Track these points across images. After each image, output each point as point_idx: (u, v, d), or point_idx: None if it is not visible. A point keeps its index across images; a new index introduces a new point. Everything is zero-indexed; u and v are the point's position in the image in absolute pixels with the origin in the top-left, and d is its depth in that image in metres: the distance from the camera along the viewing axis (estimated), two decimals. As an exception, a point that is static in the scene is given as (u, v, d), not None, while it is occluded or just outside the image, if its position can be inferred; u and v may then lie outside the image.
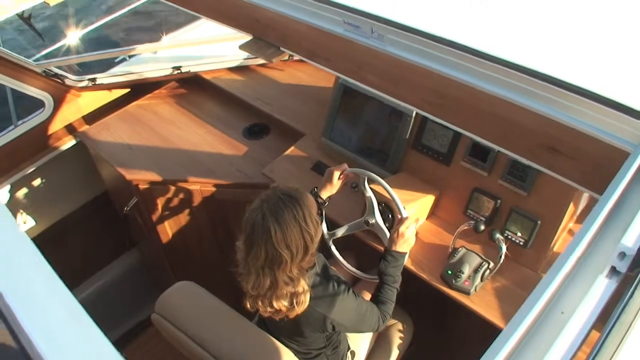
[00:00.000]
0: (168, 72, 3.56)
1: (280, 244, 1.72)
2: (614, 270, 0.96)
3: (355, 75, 1.82)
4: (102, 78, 3.54)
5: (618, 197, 1.11)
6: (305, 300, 1.85)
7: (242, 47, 2.14)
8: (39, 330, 0.87)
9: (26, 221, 3.51)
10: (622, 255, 0.97)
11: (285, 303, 1.84)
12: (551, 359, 0.84)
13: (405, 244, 2.15)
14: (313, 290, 1.89)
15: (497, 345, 0.85)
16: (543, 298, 0.90)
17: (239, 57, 3.52)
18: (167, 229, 3.26)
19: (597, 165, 1.35)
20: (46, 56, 3.51)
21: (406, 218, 2.17)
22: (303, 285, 1.84)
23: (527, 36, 1.56)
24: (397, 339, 2.56)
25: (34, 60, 3.30)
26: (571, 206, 2.23)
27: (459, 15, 1.66)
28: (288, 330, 2.05)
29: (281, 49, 1.98)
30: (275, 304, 1.84)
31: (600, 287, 0.93)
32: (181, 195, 3.06)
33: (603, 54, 1.48)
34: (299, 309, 1.86)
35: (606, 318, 0.92)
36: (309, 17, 1.78)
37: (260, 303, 1.87)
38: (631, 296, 0.89)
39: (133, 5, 4.32)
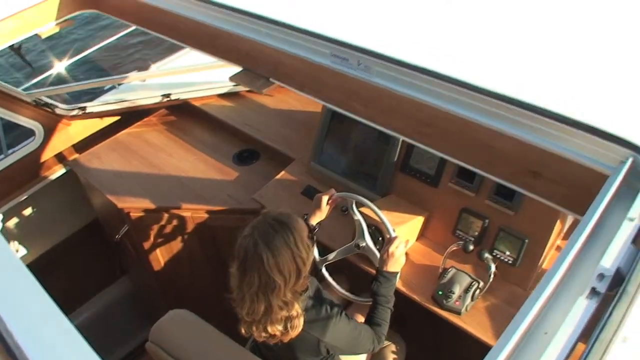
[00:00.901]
0: (158, 99, 3.60)
1: (273, 269, 1.74)
2: (594, 291, 1.01)
3: (343, 106, 1.87)
4: (92, 107, 3.57)
5: (597, 219, 1.16)
6: (299, 324, 1.87)
7: (232, 78, 2.19)
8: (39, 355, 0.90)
9: (18, 250, 3.51)
10: (601, 276, 1.02)
11: (279, 327, 1.86)
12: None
13: (396, 263, 2.18)
14: (306, 314, 1.91)
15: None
16: (527, 320, 0.95)
17: (228, 84, 3.57)
18: (159, 256, 3.27)
19: (577, 187, 1.41)
20: (36, 85, 3.54)
21: (395, 238, 2.20)
22: (297, 309, 1.86)
23: (509, 66, 1.62)
24: (390, 360, 2.57)
25: (24, 90, 3.33)
26: (558, 224, 2.28)
27: (443, 46, 1.72)
28: (282, 355, 2.07)
29: (271, 80, 2.03)
30: (269, 329, 1.86)
31: (581, 308, 0.97)
32: (172, 222, 3.08)
33: (581, 82, 1.54)
34: (293, 333, 1.88)
35: (589, 334, 0.96)
36: (297, 49, 1.84)
37: (255, 328, 1.89)
38: (610, 315, 0.94)
39: (120, 35, 4.38)
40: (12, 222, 3.47)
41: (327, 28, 1.76)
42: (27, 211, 3.54)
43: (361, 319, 2.27)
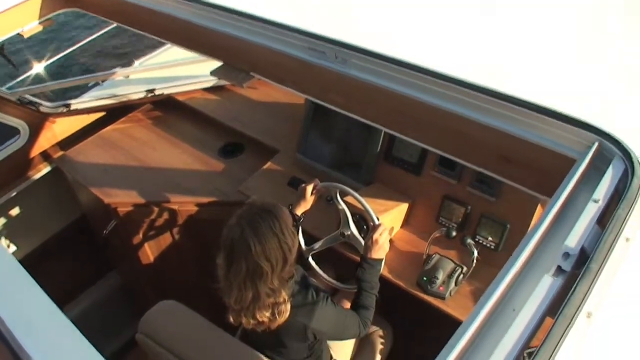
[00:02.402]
0: (142, 95, 3.62)
1: (260, 256, 1.78)
2: (559, 269, 1.06)
3: (322, 97, 1.91)
4: (77, 104, 3.57)
5: (564, 201, 1.22)
6: (285, 309, 1.91)
7: (213, 72, 2.21)
8: (36, 347, 0.94)
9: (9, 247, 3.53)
10: (567, 255, 1.07)
11: (267, 314, 1.90)
12: (502, 352, 0.93)
13: (380, 250, 2.22)
14: (293, 300, 1.95)
15: (453, 341, 0.94)
16: (494, 296, 1.00)
17: (212, 78, 3.58)
18: (147, 250, 3.29)
19: (546, 172, 1.45)
20: (19, 84, 3.54)
21: (379, 225, 2.24)
22: (284, 295, 1.90)
23: (478, 55, 1.67)
24: (378, 345, 2.61)
25: (7, 89, 3.33)
26: (539, 208, 2.33)
27: (414, 38, 1.77)
28: (270, 342, 2.11)
29: (251, 74, 2.07)
30: (257, 316, 1.90)
31: (547, 285, 1.02)
32: (160, 216, 3.10)
33: (547, 69, 1.59)
34: (281, 320, 1.92)
35: (555, 311, 1.01)
36: (275, 43, 1.87)
37: (243, 316, 1.93)
38: (574, 292, 0.99)
39: (100, 32, 4.36)
40: (-1, 221, 3.49)
41: (303, 22, 1.80)
42: (14, 210, 3.54)
43: (348, 305, 2.31)
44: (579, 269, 1.06)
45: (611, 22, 1.80)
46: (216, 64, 2.29)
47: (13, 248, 3.56)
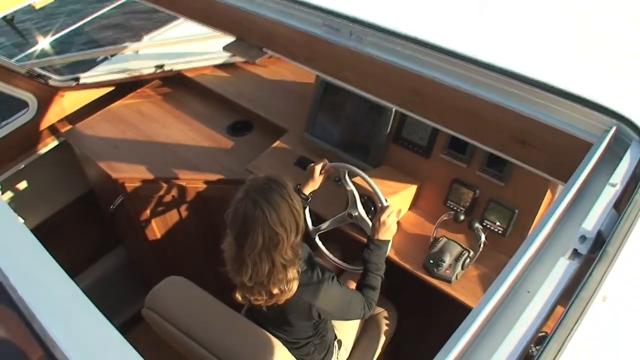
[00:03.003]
0: (151, 70, 3.60)
1: (276, 223, 1.79)
2: (575, 253, 1.05)
3: (335, 75, 1.89)
4: (86, 78, 3.56)
5: (580, 184, 1.20)
6: (293, 287, 1.92)
7: (226, 48, 2.19)
8: (50, 318, 0.94)
9: (16, 219, 3.53)
10: (583, 238, 1.06)
11: (281, 287, 1.91)
12: (517, 334, 0.92)
13: (388, 232, 2.21)
14: (299, 278, 1.96)
15: (466, 324, 0.93)
16: (509, 279, 0.99)
17: (222, 55, 3.56)
18: (154, 226, 3.30)
19: (562, 155, 1.44)
20: (28, 57, 3.52)
21: (387, 207, 2.23)
22: (294, 272, 1.91)
23: (496, 36, 1.64)
24: (382, 327, 2.62)
25: (17, 61, 3.32)
26: (548, 194, 2.32)
27: (433, 17, 1.74)
28: (276, 320, 2.11)
29: (264, 50, 2.05)
30: (272, 289, 1.90)
31: (563, 268, 1.02)
32: (167, 193, 3.10)
33: (566, 52, 1.57)
34: (289, 294, 1.93)
35: (570, 294, 1.00)
36: (290, 19, 1.85)
37: (256, 292, 1.93)
38: (590, 275, 0.98)
39: (113, 5, 4.34)
40: (6, 194, 3.49)
41: None
42: (22, 183, 3.55)
43: (353, 286, 2.31)
44: (595, 253, 1.05)
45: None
46: (226, 40, 2.27)
47: (20, 220, 3.56)
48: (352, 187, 2.37)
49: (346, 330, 2.52)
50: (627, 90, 1.47)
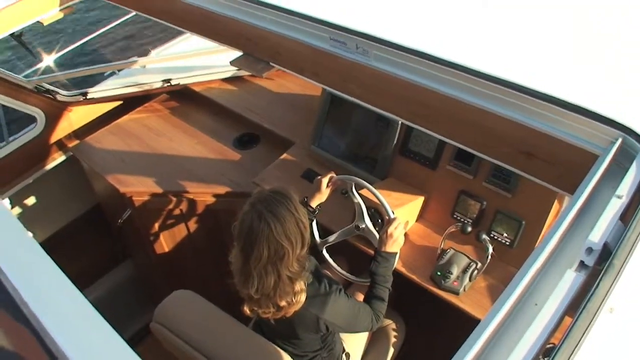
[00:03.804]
0: (158, 85, 3.63)
1: (281, 236, 1.80)
2: (582, 265, 1.05)
3: (342, 89, 1.91)
4: (93, 92, 3.60)
5: (587, 196, 1.21)
6: (301, 299, 1.92)
7: (233, 62, 2.22)
8: (61, 332, 0.95)
9: (24, 235, 3.55)
10: (590, 250, 1.06)
11: (287, 299, 1.91)
12: (525, 346, 0.92)
13: (395, 244, 2.21)
14: (307, 290, 1.96)
15: (474, 336, 0.94)
16: (517, 291, 0.99)
17: (229, 69, 3.59)
18: (162, 240, 3.31)
19: (569, 167, 1.44)
20: (36, 72, 3.56)
21: (394, 219, 2.23)
22: (301, 284, 1.91)
23: (502, 49, 1.65)
24: (390, 339, 2.62)
25: (25, 77, 3.36)
26: (555, 204, 2.31)
27: (438, 30, 1.76)
28: (284, 333, 2.12)
29: (271, 64, 2.07)
30: (279, 302, 1.91)
31: (570, 280, 1.02)
32: (174, 207, 3.12)
33: (571, 64, 1.58)
34: (297, 306, 1.93)
35: (577, 305, 1.00)
36: (296, 33, 1.87)
37: (264, 305, 1.94)
38: (597, 287, 0.98)
39: (119, 21, 4.38)
40: (14, 209, 3.51)
41: (326, 13, 1.79)
42: (29, 197, 3.57)
43: (361, 298, 2.31)
44: (601, 265, 1.06)
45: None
46: (231, 54, 2.29)
47: (29, 235, 3.58)
48: (359, 199, 2.38)
49: (354, 343, 2.52)
50: (632, 99, 1.47)
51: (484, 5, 1.87)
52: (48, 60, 3.71)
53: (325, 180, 2.38)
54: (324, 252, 2.49)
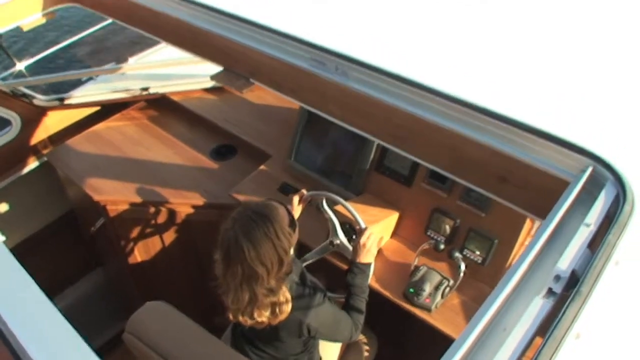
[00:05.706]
0: (136, 92, 3.61)
1: (255, 261, 1.78)
2: (550, 291, 1.09)
3: (320, 107, 1.93)
4: (70, 98, 3.56)
5: (556, 223, 1.24)
6: (287, 309, 1.92)
7: (213, 77, 2.22)
8: (29, 338, 0.95)
9: (-7, 239, 3.50)
10: (558, 277, 1.09)
11: (266, 313, 1.90)
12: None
13: (368, 254, 2.23)
14: (292, 294, 1.96)
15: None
16: (487, 316, 1.02)
17: (208, 79, 3.57)
18: (134, 249, 3.28)
19: (541, 193, 1.48)
20: (13, 75, 3.52)
21: (365, 229, 2.25)
22: (285, 294, 1.90)
23: (479, 76, 1.69)
24: (363, 353, 2.62)
25: (1, 80, 3.31)
26: (528, 222, 2.36)
27: (417, 55, 1.79)
28: (266, 335, 2.09)
29: (250, 80, 2.08)
30: (256, 316, 1.90)
31: (538, 306, 1.05)
32: (149, 216, 3.09)
33: (546, 93, 1.62)
34: (282, 317, 1.93)
35: (545, 331, 1.03)
36: (277, 52, 1.89)
37: (241, 315, 1.93)
38: (564, 314, 1.01)
39: (96, 27, 4.34)
40: (-14, 213, 3.46)
41: (306, 33, 1.82)
42: (2, 204, 3.52)
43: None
44: (569, 291, 1.09)
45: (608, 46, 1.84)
46: (211, 64, 2.29)
47: (0, 239, 3.53)
48: (330, 214, 2.39)
49: (329, 354, 2.52)
50: (604, 127, 1.52)
51: (464, 31, 1.91)
52: (25, 63, 3.66)
53: (296, 198, 2.40)
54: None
